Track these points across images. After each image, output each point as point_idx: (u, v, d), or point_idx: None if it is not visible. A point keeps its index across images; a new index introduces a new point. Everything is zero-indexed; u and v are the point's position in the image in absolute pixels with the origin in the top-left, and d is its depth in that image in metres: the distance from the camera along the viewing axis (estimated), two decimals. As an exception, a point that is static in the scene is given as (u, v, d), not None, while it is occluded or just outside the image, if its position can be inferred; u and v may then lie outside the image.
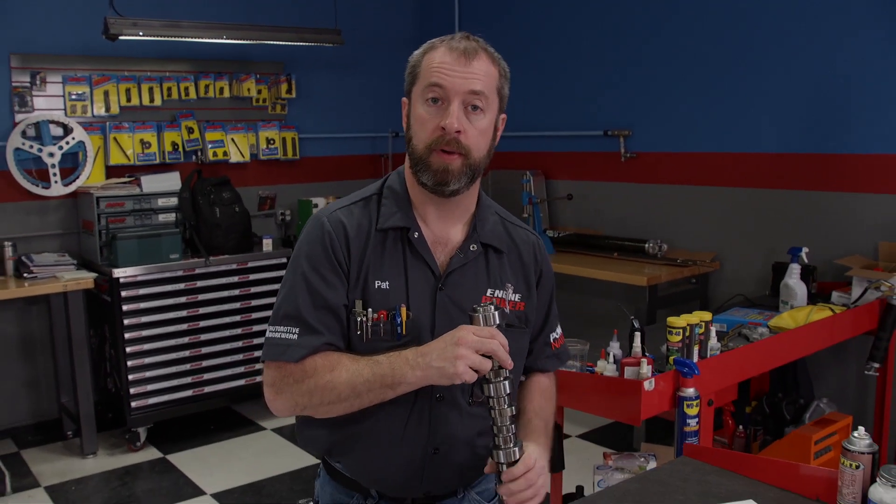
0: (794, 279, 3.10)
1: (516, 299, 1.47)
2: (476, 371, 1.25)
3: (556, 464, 2.46)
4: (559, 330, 1.63)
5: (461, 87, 1.33)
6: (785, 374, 3.39)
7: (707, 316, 2.34)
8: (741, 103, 3.84)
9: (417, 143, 1.38)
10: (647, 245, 4.01)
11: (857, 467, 1.34)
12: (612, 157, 4.43)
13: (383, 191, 1.47)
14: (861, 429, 1.37)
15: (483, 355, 1.25)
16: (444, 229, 1.45)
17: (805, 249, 3.22)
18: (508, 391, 1.29)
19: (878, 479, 1.29)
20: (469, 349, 1.24)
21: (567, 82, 4.66)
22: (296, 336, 1.36)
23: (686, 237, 4.15)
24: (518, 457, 1.31)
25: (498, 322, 1.29)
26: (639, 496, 1.52)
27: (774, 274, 3.50)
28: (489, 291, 1.45)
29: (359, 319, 1.38)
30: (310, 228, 1.43)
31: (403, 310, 1.38)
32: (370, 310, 1.38)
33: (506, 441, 1.31)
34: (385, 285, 1.39)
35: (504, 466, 1.31)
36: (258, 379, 4.37)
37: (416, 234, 1.42)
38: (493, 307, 1.29)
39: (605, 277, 3.92)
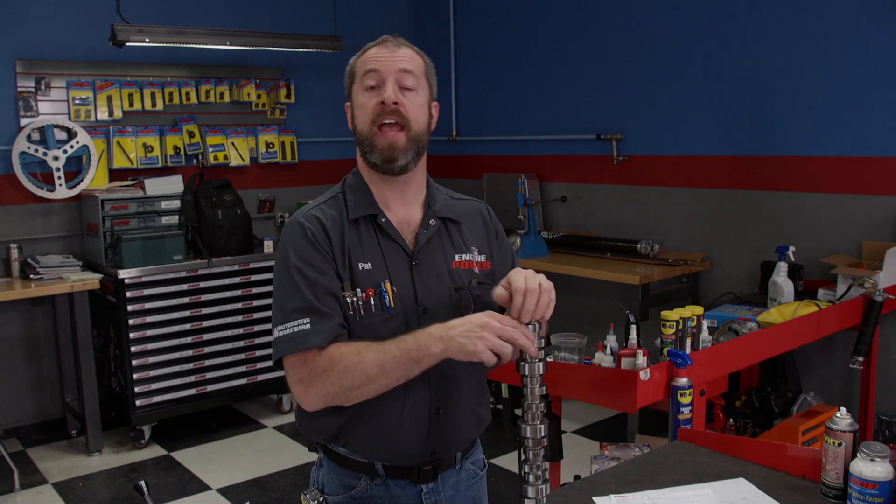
0: (781, 277, 3.20)
1: (482, 260, 1.63)
2: (496, 354, 1.35)
3: (555, 453, 2.56)
4: None
5: (392, 67, 1.52)
6: (773, 369, 3.49)
7: (699, 310, 2.44)
8: (730, 107, 3.95)
9: (362, 126, 1.54)
10: (639, 245, 4.11)
11: (840, 445, 1.44)
12: (604, 160, 4.54)
13: (345, 189, 1.61)
14: (843, 409, 1.48)
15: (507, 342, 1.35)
16: (406, 212, 1.59)
17: (792, 248, 3.34)
18: (542, 372, 1.39)
19: (858, 454, 1.39)
20: (491, 333, 1.35)
21: (561, 87, 4.75)
22: (309, 325, 1.44)
23: (677, 238, 4.26)
24: (544, 433, 1.40)
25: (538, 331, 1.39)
26: (636, 475, 1.61)
27: (763, 272, 3.60)
28: (457, 257, 1.60)
29: (349, 301, 1.49)
30: (289, 231, 1.55)
31: (388, 284, 1.51)
32: (358, 290, 1.50)
33: (533, 418, 1.39)
34: (368, 266, 1.51)
35: (529, 442, 1.39)
36: (259, 378, 4.45)
37: (383, 220, 1.56)
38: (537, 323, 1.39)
39: (598, 277, 4.02)
